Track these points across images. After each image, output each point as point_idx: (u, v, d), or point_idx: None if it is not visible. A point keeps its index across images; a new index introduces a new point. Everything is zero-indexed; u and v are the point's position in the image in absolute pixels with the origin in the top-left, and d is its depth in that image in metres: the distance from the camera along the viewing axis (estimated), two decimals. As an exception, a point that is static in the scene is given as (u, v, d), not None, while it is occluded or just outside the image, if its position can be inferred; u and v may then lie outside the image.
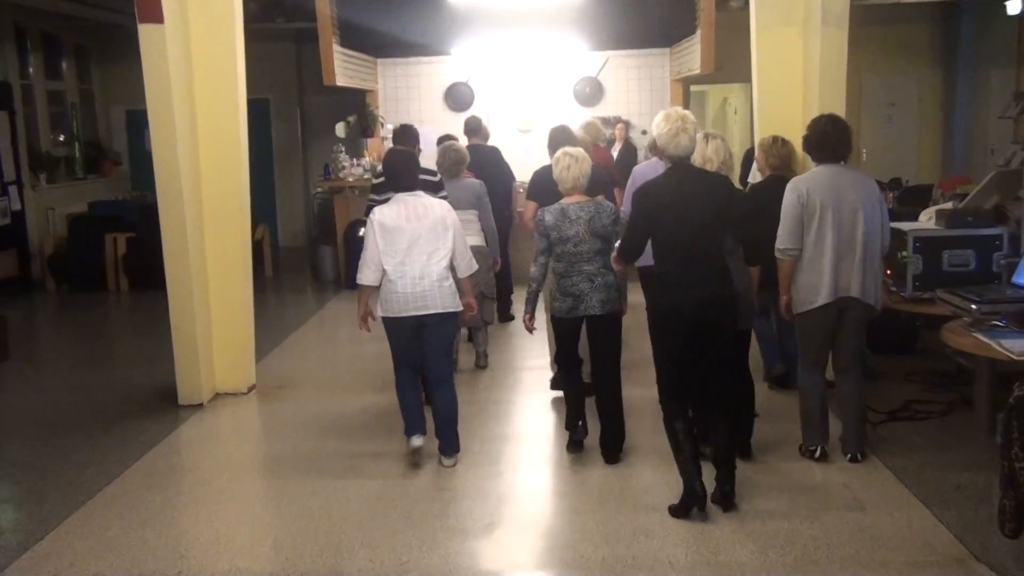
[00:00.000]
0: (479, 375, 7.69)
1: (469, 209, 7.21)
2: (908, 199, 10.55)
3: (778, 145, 6.50)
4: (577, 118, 11.75)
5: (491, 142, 9.82)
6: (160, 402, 7.12)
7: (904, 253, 6.33)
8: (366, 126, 13.23)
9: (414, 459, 5.72)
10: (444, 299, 5.58)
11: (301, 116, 15.73)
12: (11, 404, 7.59)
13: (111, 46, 14.68)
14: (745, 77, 7.65)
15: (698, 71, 11.74)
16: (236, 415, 6.88)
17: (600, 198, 5.74)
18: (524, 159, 10.93)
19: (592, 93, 13.85)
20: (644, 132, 13.57)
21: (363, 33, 12.61)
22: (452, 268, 5.66)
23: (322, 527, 4.93)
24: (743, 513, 4.93)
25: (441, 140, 8.31)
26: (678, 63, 13.20)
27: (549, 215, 5.58)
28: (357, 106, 13.80)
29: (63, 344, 10.14)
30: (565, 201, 5.61)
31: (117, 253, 12.23)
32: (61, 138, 14.41)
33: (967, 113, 14.46)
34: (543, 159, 6.73)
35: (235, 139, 7.06)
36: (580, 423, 5.89)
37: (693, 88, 14.98)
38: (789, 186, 5.48)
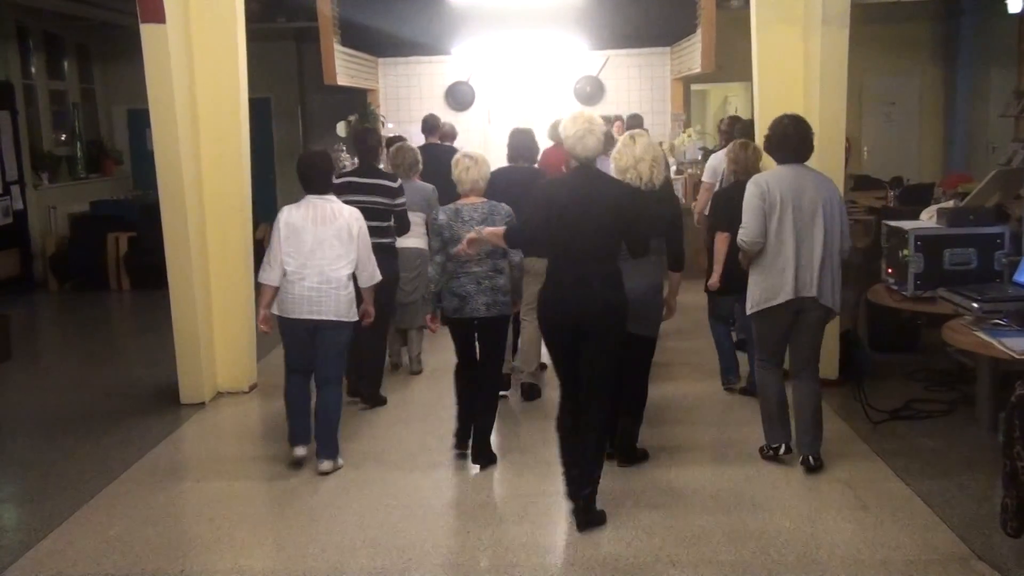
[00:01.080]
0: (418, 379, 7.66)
1: (418, 212, 7.11)
2: (909, 198, 10.53)
3: (747, 151, 6.52)
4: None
5: (494, 143, 9.83)
6: (162, 401, 7.13)
7: (905, 252, 6.33)
8: (367, 125, 13.22)
9: (295, 466, 5.70)
10: (340, 307, 5.56)
11: (302, 115, 15.74)
12: (13, 403, 7.59)
13: (113, 46, 14.69)
14: (746, 76, 7.65)
15: (699, 70, 11.75)
16: (238, 414, 6.89)
17: (499, 203, 5.71)
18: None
19: (593, 92, 13.87)
20: (645, 131, 13.57)
21: (364, 32, 12.63)
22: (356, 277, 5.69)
23: (324, 526, 4.94)
24: (744, 512, 4.94)
25: (392, 142, 8.20)
26: (679, 62, 13.21)
27: (443, 215, 5.65)
28: (358, 105, 13.81)
29: (65, 343, 10.15)
30: (461, 202, 5.67)
31: (119, 252, 12.24)
32: (63, 137, 14.42)
33: (968, 111, 14.46)
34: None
35: (236, 138, 7.07)
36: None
37: (694, 87, 15.00)
38: (751, 181, 5.47)
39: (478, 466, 5.65)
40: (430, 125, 9.73)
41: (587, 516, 4.82)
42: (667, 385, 7.09)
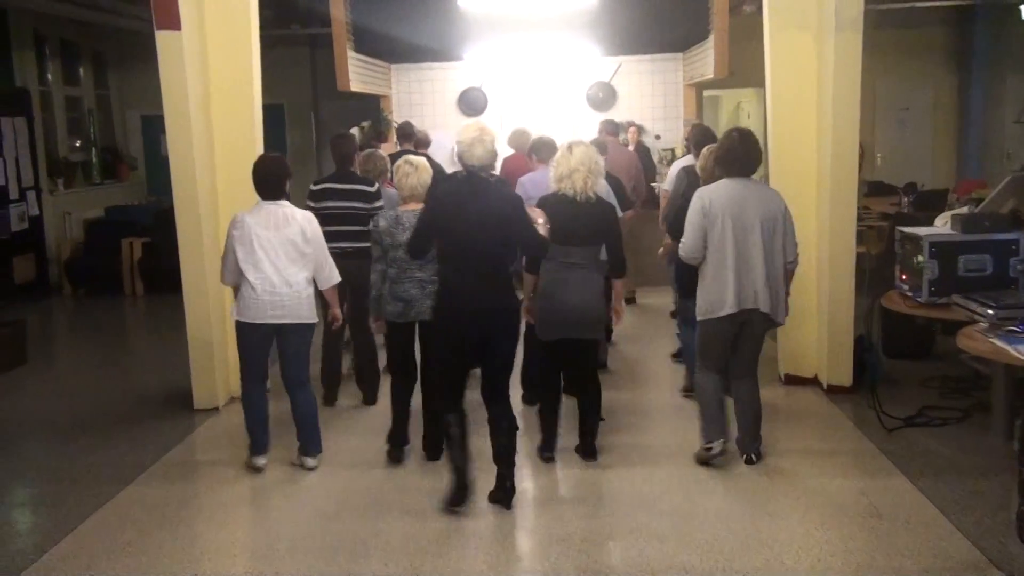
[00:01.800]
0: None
1: None
2: (923, 204, 10.52)
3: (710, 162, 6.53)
4: (590, 123, 11.81)
5: (506, 150, 9.84)
6: (176, 406, 7.15)
7: (920, 258, 6.31)
8: (380, 131, 13.26)
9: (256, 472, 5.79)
10: (301, 309, 5.63)
11: (316, 121, 15.79)
12: (29, 407, 7.63)
13: (128, 52, 14.76)
14: (759, 82, 7.64)
15: (711, 76, 11.72)
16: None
17: None
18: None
19: (605, 98, 13.86)
20: (657, 137, 13.59)
21: (377, 39, 12.65)
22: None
23: (336, 530, 4.94)
24: (758, 519, 4.93)
25: (363, 147, 8.28)
26: (691, 68, 13.19)
27: (383, 221, 5.73)
28: (371, 111, 13.84)
29: (80, 348, 10.20)
30: (401, 208, 5.76)
31: (133, 257, 12.30)
32: (78, 143, 14.50)
33: (982, 117, 14.42)
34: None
35: (250, 144, 7.09)
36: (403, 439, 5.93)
37: (706, 93, 14.98)
38: (695, 195, 5.60)
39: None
40: (405, 132, 9.88)
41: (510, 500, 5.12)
42: (665, 391, 7.09)
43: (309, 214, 5.80)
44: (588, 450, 5.85)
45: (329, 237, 6.38)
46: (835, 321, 6.83)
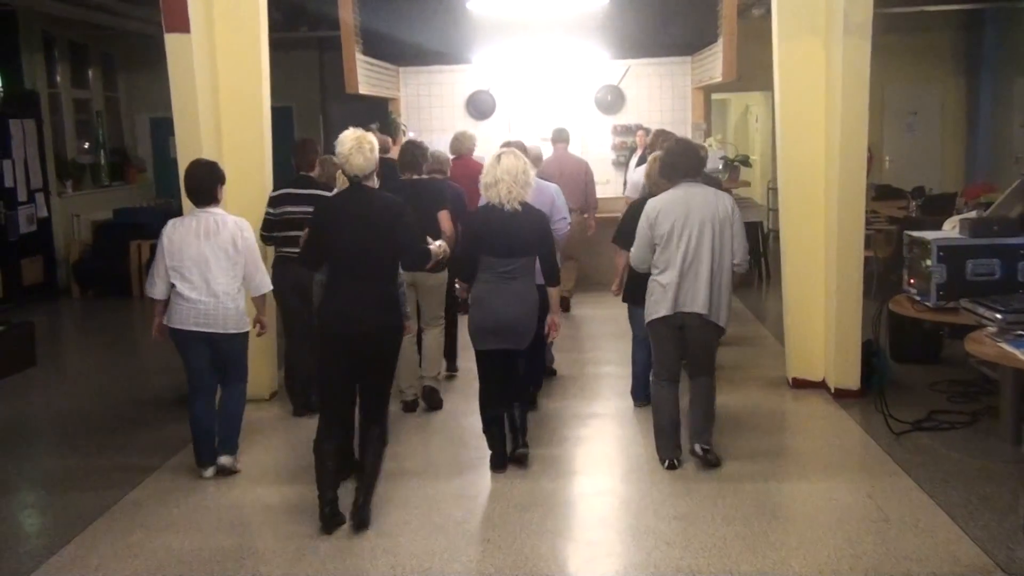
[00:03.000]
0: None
1: None
2: (931, 208, 10.50)
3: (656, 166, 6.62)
4: (599, 126, 11.82)
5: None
6: (183, 408, 7.06)
7: (928, 262, 6.30)
8: (389, 134, 13.27)
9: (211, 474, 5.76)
10: (229, 318, 5.58)
11: (324, 124, 15.80)
12: (37, 409, 7.66)
13: (137, 55, 14.80)
14: (767, 85, 7.64)
15: (720, 79, 11.73)
16: (259, 421, 6.90)
17: None
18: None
19: (613, 101, 13.87)
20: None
21: (385, 41, 12.67)
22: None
23: (344, 533, 4.95)
24: (765, 523, 4.92)
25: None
26: (700, 71, 13.19)
27: None
28: (379, 114, 13.85)
29: (88, 350, 10.23)
30: None
31: (141, 259, 12.32)
32: (87, 146, 14.56)
33: (991, 121, 14.39)
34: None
35: (259, 147, 7.11)
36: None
37: (715, 96, 14.98)
38: (644, 209, 5.74)
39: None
40: (408, 161, 9.89)
41: (356, 520, 4.94)
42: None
43: (243, 221, 5.72)
44: (520, 458, 5.78)
45: (286, 242, 6.57)
46: (843, 325, 6.83)
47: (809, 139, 6.96)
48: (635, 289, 6.40)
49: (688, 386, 5.79)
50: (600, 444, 6.35)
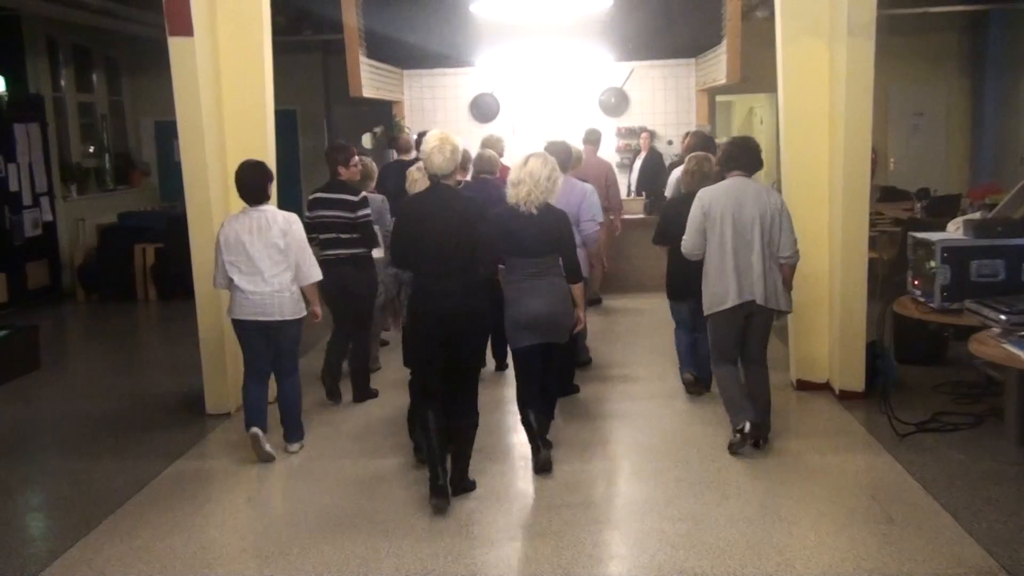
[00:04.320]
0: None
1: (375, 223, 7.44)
2: (936, 209, 10.49)
3: (693, 165, 6.93)
4: (603, 128, 11.79)
5: (517, 153, 9.90)
6: (188, 411, 7.18)
7: (932, 263, 6.29)
8: (392, 137, 13.29)
9: (256, 447, 6.01)
10: (284, 307, 5.97)
11: (328, 127, 15.83)
12: (42, 413, 7.67)
13: (141, 59, 14.83)
14: (771, 87, 7.63)
15: (724, 81, 11.73)
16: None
17: None
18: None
19: (617, 103, 13.88)
20: (670, 142, 13.58)
21: (389, 44, 12.69)
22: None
23: (349, 536, 4.95)
24: (770, 524, 4.92)
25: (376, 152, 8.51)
26: (704, 73, 13.19)
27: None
28: (383, 117, 13.88)
29: (92, 353, 10.24)
30: None
31: (146, 263, 12.36)
32: (91, 149, 14.58)
33: (996, 122, 14.37)
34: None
35: (263, 150, 7.10)
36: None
37: (719, 98, 14.99)
38: (696, 196, 6.02)
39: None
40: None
41: (457, 490, 5.35)
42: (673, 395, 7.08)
43: (291, 215, 6.06)
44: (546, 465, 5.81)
45: (324, 244, 6.93)
46: (847, 326, 6.82)
47: (813, 141, 6.96)
48: (677, 285, 6.84)
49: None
50: (606, 446, 6.34)
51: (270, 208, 6.01)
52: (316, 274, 6.09)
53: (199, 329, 7.02)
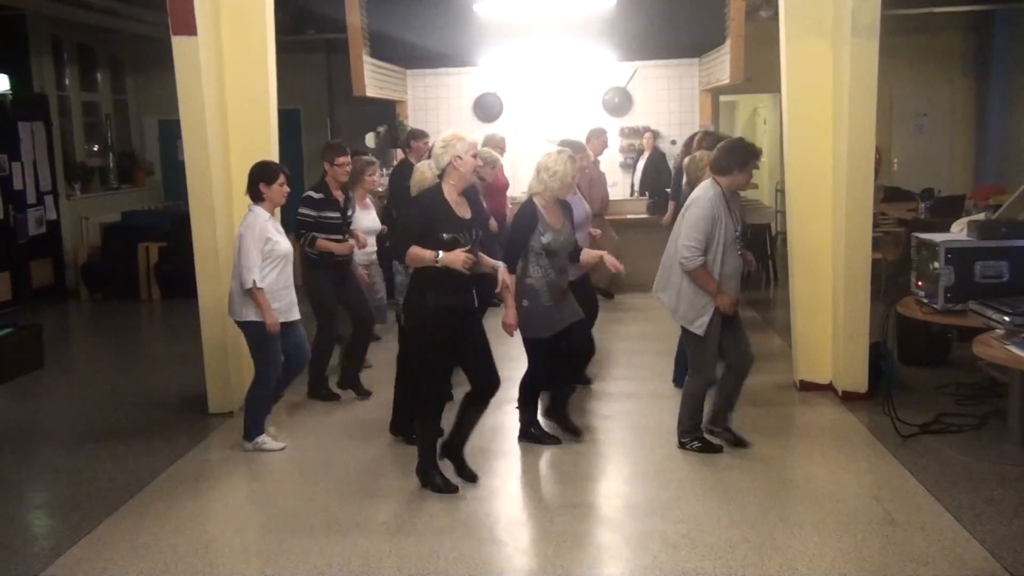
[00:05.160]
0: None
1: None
2: (940, 210, 10.47)
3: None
4: (607, 128, 11.78)
5: (521, 156, 9.92)
6: (190, 410, 7.18)
7: (936, 264, 6.28)
8: (396, 137, 13.30)
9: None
10: (234, 307, 6.13)
11: (331, 126, 15.83)
12: (45, 411, 7.68)
13: (145, 58, 14.84)
14: (775, 87, 7.63)
15: (727, 81, 11.72)
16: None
17: None
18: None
19: (621, 103, 13.87)
20: (673, 142, 13.57)
21: (393, 44, 12.69)
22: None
23: (351, 535, 4.95)
24: (772, 526, 4.91)
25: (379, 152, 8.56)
26: (707, 73, 13.18)
27: None
28: (387, 116, 13.87)
29: (96, 352, 10.25)
30: None
31: (149, 262, 12.38)
32: (95, 148, 14.60)
33: (1000, 122, 14.34)
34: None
35: (266, 149, 7.11)
36: None
37: (723, 98, 14.98)
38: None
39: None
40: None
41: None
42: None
43: (249, 218, 6.07)
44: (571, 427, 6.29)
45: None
46: (850, 327, 6.81)
47: (817, 141, 6.94)
48: None
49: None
50: (607, 446, 6.34)
51: (254, 209, 6.08)
52: (244, 279, 5.97)
53: (202, 328, 7.03)
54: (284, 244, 6.16)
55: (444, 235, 5.15)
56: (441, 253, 5.12)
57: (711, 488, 5.45)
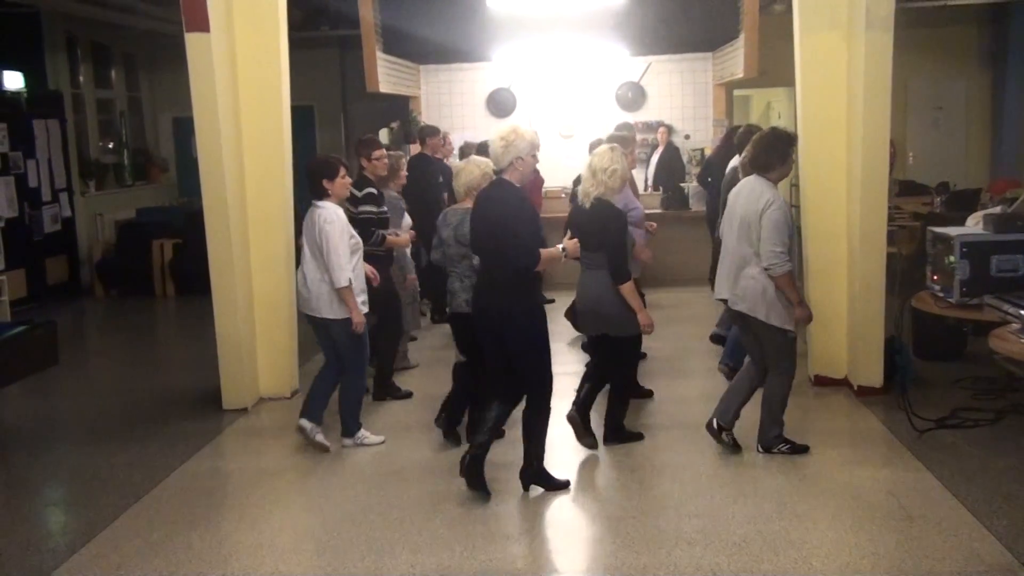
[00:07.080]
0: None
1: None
2: (955, 203, 10.41)
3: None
4: (619, 123, 11.76)
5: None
6: (205, 406, 7.20)
7: (951, 258, 6.24)
8: (409, 132, 13.30)
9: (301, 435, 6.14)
10: (322, 306, 5.98)
11: (345, 123, 15.84)
12: (60, 408, 7.72)
13: (159, 55, 14.89)
14: (789, 81, 7.59)
15: (741, 75, 11.69)
16: (280, 419, 6.92)
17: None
18: (567, 165, 10.90)
19: (634, 98, 13.84)
20: (687, 136, 13.55)
21: (406, 40, 12.70)
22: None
23: (364, 531, 4.96)
24: (787, 521, 4.89)
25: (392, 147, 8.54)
26: (721, 67, 13.14)
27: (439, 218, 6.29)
28: (400, 112, 13.88)
29: (111, 349, 10.29)
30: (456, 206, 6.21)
31: (164, 259, 12.42)
32: (110, 145, 14.65)
33: (1016, 116, 14.23)
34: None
35: (279, 146, 7.13)
36: None
37: (736, 92, 14.92)
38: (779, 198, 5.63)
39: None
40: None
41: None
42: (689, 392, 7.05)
43: (327, 214, 5.94)
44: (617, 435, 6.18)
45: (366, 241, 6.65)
46: (865, 322, 6.78)
47: (831, 135, 6.91)
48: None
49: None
50: (622, 442, 6.32)
51: (324, 204, 5.94)
52: (338, 279, 5.84)
53: (216, 325, 7.04)
54: (358, 237, 6.17)
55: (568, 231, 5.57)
56: (561, 247, 5.31)
57: (726, 484, 5.43)
